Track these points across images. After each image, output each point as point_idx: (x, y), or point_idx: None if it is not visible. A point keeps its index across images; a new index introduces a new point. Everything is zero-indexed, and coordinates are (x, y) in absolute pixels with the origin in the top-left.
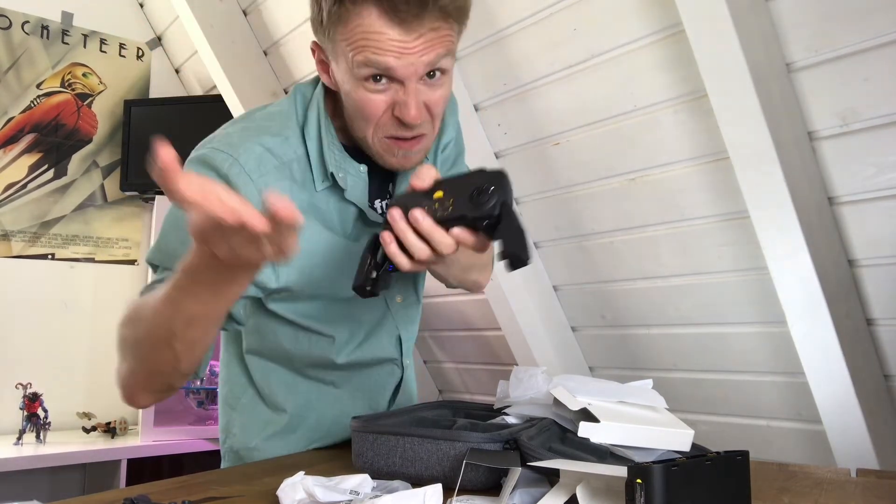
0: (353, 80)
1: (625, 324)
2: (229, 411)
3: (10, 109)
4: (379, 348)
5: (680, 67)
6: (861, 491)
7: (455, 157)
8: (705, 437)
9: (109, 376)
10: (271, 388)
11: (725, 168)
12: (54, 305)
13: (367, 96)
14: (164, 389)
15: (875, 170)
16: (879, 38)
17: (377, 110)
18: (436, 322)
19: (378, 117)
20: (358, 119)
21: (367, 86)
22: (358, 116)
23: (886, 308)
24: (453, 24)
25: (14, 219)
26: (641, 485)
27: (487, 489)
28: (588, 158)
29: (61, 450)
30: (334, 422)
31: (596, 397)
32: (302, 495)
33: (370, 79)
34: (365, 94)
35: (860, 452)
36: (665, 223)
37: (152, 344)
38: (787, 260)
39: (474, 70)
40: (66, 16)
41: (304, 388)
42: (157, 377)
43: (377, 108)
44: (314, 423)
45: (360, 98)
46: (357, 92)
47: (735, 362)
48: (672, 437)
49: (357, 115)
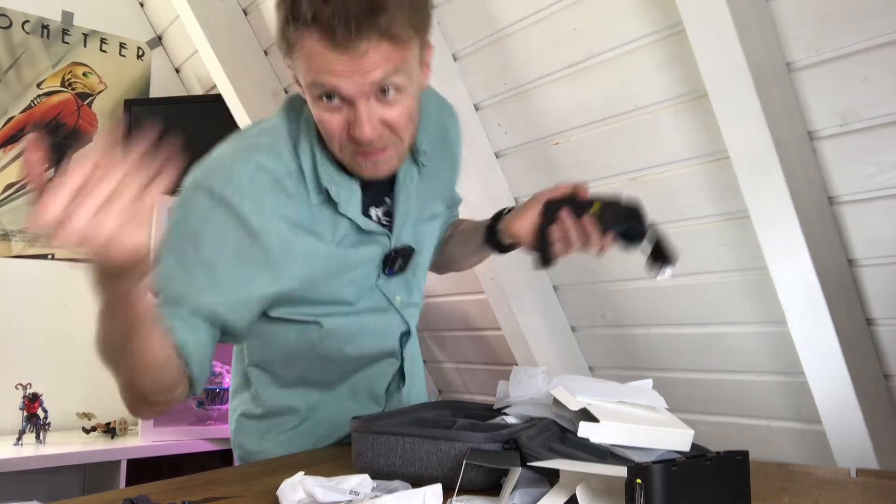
0: (311, 99)
1: (625, 324)
2: (240, 419)
3: (10, 109)
4: (383, 341)
5: (680, 67)
6: (861, 491)
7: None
8: (705, 437)
9: (109, 377)
10: (275, 396)
11: (725, 168)
12: (54, 305)
13: (324, 115)
14: (156, 405)
15: (875, 169)
16: (879, 38)
17: (335, 129)
18: (436, 322)
19: (338, 135)
20: (324, 135)
21: (321, 104)
22: (324, 133)
23: (886, 308)
24: (401, 41)
25: (14, 219)
26: (641, 485)
27: (487, 489)
28: (588, 158)
29: (61, 450)
30: (335, 420)
31: (596, 397)
32: (302, 495)
33: (322, 97)
34: (322, 114)
35: (860, 452)
36: (665, 223)
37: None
38: (787, 260)
39: (474, 70)
40: (66, 15)
41: (307, 392)
42: (139, 397)
43: (335, 126)
44: (317, 423)
45: (319, 117)
46: (315, 110)
47: (735, 362)
48: (672, 437)
49: (322, 132)
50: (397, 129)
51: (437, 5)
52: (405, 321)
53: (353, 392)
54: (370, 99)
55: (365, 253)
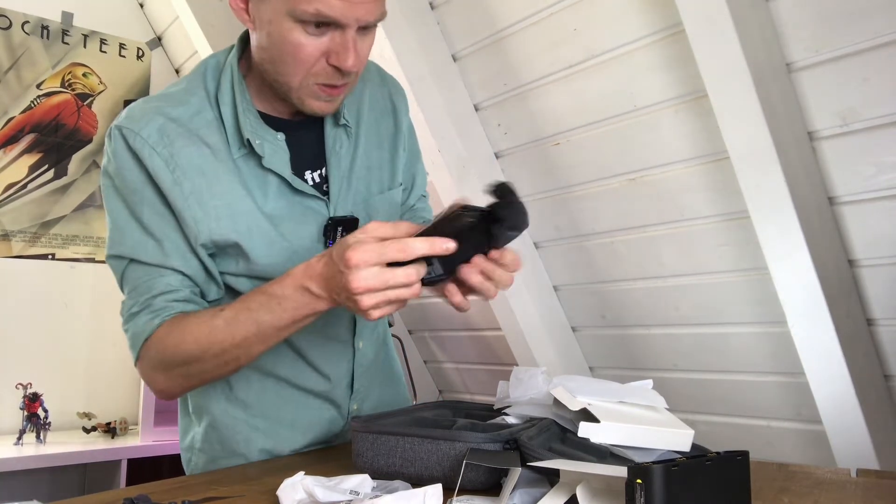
0: (290, 23)
1: (625, 324)
2: (192, 421)
3: (10, 109)
4: (327, 324)
5: (680, 67)
6: (861, 491)
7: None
8: (705, 437)
9: (109, 376)
10: (236, 389)
11: (725, 168)
12: (54, 305)
13: (301, 40)
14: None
15: (875, 170)
16: (879, 38)
17: (309, 55)
18: (436, 322)
19: (311, 64)
20: (286, 64)
21: (306, 30)
22: (287, 61)
23: (886, 308)
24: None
25: (14, 219)
26: (641, 485)
27: (487, 489)
28: (588, 158)
29: (61, 450)
30: (296, 417)
31: (596, 397)
32: (302, 495)
33: (310, 23)
34: (300, 38)
35: (860, 452)
36: (665, 223)
37: (222, 360)
38: (787, 260)
39: (474, 70)
40: (66, 16)
41: (261, 381)
42: (204, 380)
43: (311, 54)
44: (278, 421)
45: (294, 41)
46: (292, 34)
47: (735, 362)
48: (672, 437)
49: (286, 60)
50: (364, 62)
51: (437, 6)
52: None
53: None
54: (356, 31)
55: (301, 220)
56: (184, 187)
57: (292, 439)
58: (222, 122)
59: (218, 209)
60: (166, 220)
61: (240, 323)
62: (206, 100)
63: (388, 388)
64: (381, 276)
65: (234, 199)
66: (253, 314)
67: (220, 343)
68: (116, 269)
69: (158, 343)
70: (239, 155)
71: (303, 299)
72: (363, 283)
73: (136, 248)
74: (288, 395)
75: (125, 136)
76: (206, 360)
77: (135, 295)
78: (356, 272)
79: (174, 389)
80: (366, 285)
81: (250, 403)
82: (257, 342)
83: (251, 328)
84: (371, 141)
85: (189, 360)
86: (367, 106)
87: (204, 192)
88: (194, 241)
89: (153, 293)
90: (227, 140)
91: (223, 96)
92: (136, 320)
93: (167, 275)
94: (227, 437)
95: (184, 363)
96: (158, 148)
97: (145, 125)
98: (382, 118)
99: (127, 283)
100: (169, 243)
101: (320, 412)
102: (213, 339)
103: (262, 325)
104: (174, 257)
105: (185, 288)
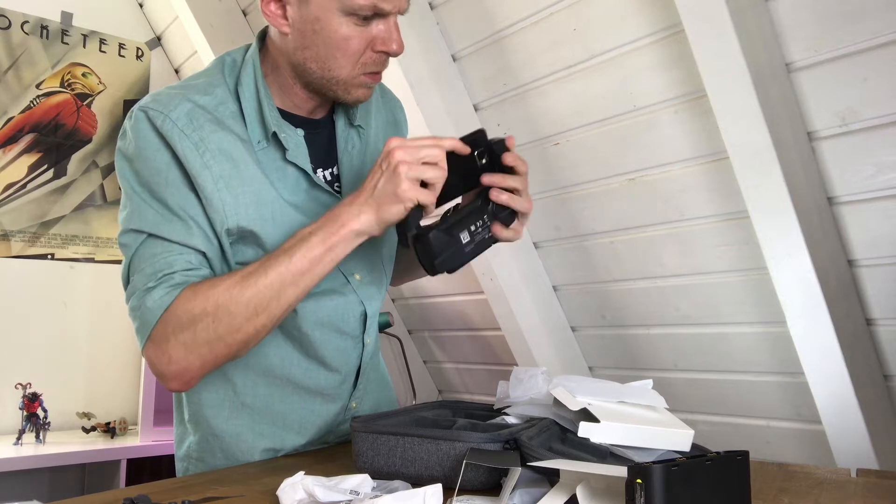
0: (340, 17)
1: (625, 324)
2: (187, 430)
3: (9, 109)
4: (341, 320)
5: (680, 67)
6: (861, 491)
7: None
8: (705, 437)
9: (109, 376)
10: (237, 389)
11: (725, 168)
12: (54, 305)
13: (353, 32)
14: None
15: (874, 170)
16: (879, 38)
17: (359, 47)
18: (436, 322)
19: (361, 52)
20: (336, 58)
21: (353, 25)
22: (337, 55)
23: (886, 308)
24: None
25: (14, 219)
26: (641, 485)
27: (487, 489)
28: (588, 158)
29: (61, 450)
30: (300, 414)
31: (596, 397)
32: (302, 495)
33: (359, 17)
34: (350, 31)
35: (860, 452)
36: (665, 223)
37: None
38: (787, 260)
39: (474, 70)
40: (65, 16)
41: (268, 386)
42: (230, 346)
43: (361, 44)
44: (279, 417)
45: (345, 34)
46: (342, 29)
47: (735, 362)
48: (672, 437)
49: (335, 54)
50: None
51: (437, 5)
52: (361, 302)
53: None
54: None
55: (316, 215)
56: (213, 171)
57: (294, 440)
58: (242, 116)
59: (246, 195)
60: (191, 201)
61: (272, 260)
62: (227, 93)
63: (382, 392)
64: (414, 154)
65: (260, 186)
66: (285, 252)
67: (252, 286)
68: (131, 245)
69: (184, 304)
70: (259, 148)
71: (337, 220)
72: (401, 157)
73: (160, 225)
74: (296, 398)
75: (151, 117)
76: (236, 309)
77: (149, 270)
78: (396, 152)
79: (193, 364)
80: (402, 158)
81: (257, 409)
82: (290, 283)
83: (283, 263)
84: (379, 145)
85: (217, 310)
86: (375, 112)
87: (233, 177)
88: (220, 225)
89: (173, 269)
90: (247, 133)
91: (244, 91)
92: (150, 295)
93: (187, 253)
94: (231, 446)
95: (211, 316)
96: (188, 131)
97: (174, 108)
98: (388, 126)
99: (141, 258)
100: (193, 223)
101: (325, 409)
102: (245, 283)
103: (294, 259)
104: (198, 237)
105: (204, 268)
